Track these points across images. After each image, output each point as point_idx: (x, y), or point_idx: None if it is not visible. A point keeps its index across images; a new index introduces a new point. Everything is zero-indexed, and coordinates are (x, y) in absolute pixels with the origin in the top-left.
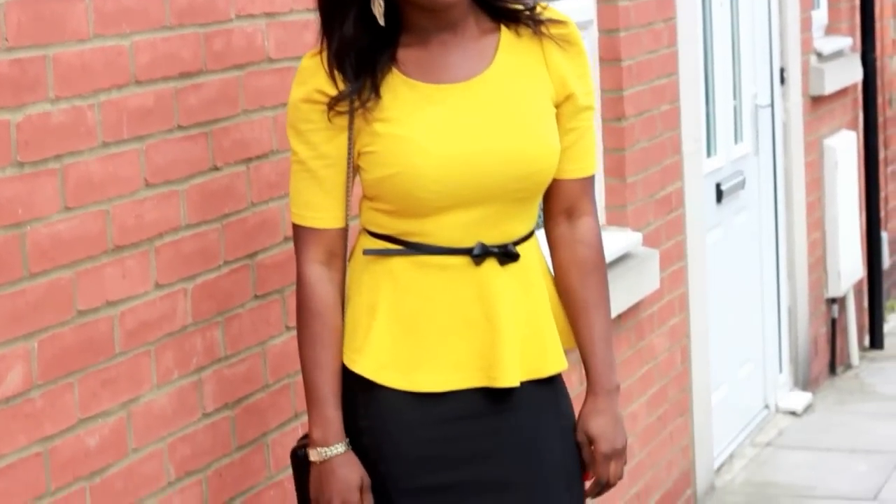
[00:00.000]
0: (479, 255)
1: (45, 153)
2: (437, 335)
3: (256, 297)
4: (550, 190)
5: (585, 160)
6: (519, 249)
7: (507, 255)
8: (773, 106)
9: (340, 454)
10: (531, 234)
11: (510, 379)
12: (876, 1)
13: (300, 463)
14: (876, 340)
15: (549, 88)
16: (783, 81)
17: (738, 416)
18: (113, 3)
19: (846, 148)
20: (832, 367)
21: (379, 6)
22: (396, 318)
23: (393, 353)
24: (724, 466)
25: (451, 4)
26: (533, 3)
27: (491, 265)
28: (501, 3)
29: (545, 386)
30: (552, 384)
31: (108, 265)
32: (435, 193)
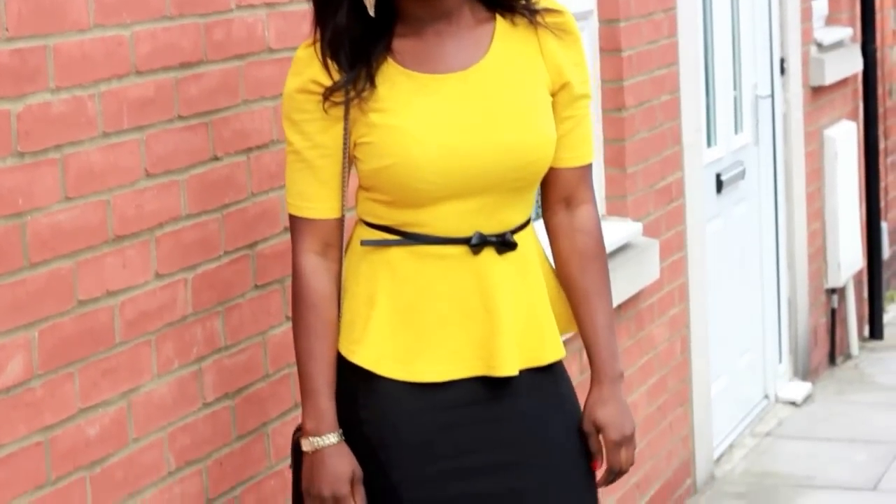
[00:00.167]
0: (477, 244)
1: (45, 143)
2: (435, 325)
3: (257, 286)
4: (548, 179)
5: (583, 148)
6: (516, 238)
7: (504, 244)
8: (773, 96)
9: (332, 445)
10: (528, 222)
11: (509, 368)
12: None
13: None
14: (875, 331)
15: (544, 77)
16: (783, 72)
17: (737, 406)
18: None
19: (846, 138)
20: (832, 357)
21: None
22: (395, 308)
23: (392, 343)
24: (723, 456)
25: None
26: None
27: (489, 254)
28: None
29: (544, 372)
30: (552, 370)
31: (108, 255)
32: (431, 184)
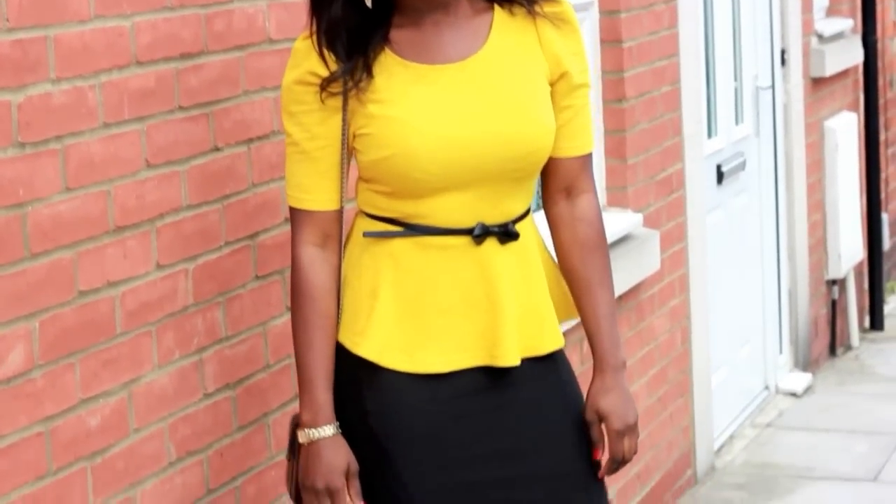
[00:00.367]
0: (479, 234)
1: (46, 134)
2: (439, 315)
3: (257, 277)
4: (548, 169)
5: (582, 138)
6: (517, 228)
7: (507, 234)
8: (773, 87)
9: (327, 437)
10: (528, 211)
11: (511, 358)
12: None
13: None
14: (876, 322)
15: (543, 67)
16: (784, 63)
17: (738, 397)
18: None
19: (847, 130)
20: (832, 348)
21: None
22: (399, 299)
23: (396, 334)
24: (724, 447)
25: None
26: None
27: (491, 244)
28: None
29: (545, 361)
30: (552, 358)
31: (109, 246)
32: (431, 174)
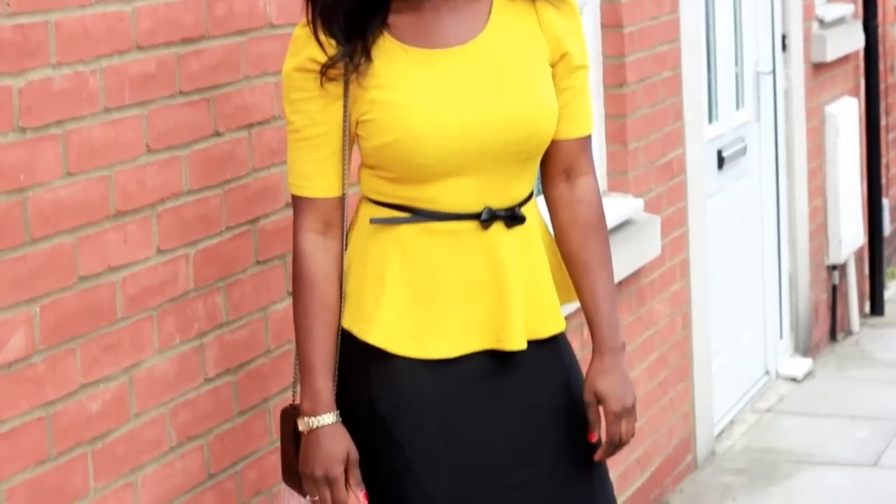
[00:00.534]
0: (486, 219)
1: (46, 119)
2: (447, 301)
3: (258, 262)
4: (548, 151)
5: (582, 119)
6: (522, 211)
7: (513, 217)
8: (774, 73)
9: (327, 425)
10: (531, 194)
11: (518, 342)
12: None
13: (285, 419)
14: (876, 307)
15: (544, 48)
16: (785, 48)
17: (738, 382)
18: None
19: (848, 115)
20: (833, 333)
21: None
22: (407, 285)
23: (404, 321)
24: (724, 432)
25: None
26: None
27: (498, 228)
28: None
29: (547, 344)
30: (554, 341)
31: (109, 230)
32: (436, 159)
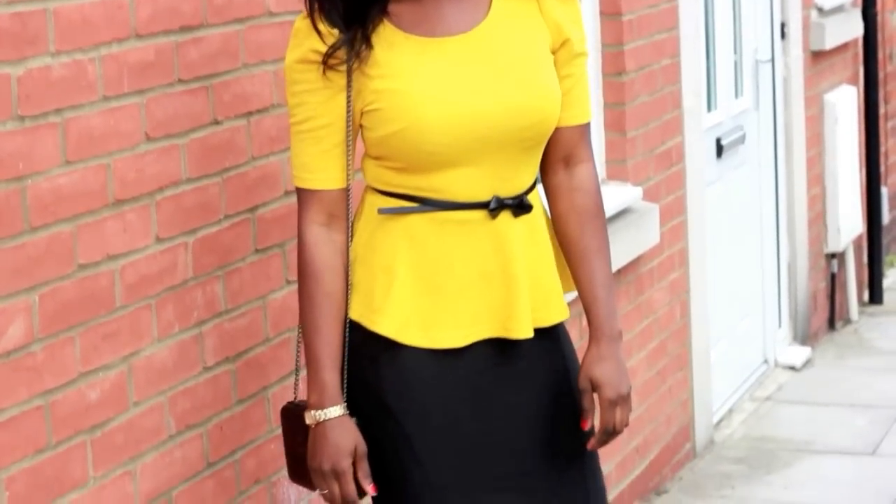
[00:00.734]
0: (495, 208)
1: (45, 107)
2: (456, 290)
3: (257, 251)
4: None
5: (581, 107)
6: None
7: (521, 206)
8: (773, 61)
9: (334, 418)
10: (535, 183)
11: (525, 330)
12: None
13: (287, 416)
14: (875, 295)
15: (545, 35)
16: (784, 36)
17: (737, 370)
18: None
19: (846, 103)
20: (831, 322)
21: None
22: (416, 275)
23: (414, 311)
24: (723, 421)
25: None
26: None
27: (505, 217)
28: None
29: (548, 333)
30: (554, 330)
31: (108, 219)
32: (443, 146)
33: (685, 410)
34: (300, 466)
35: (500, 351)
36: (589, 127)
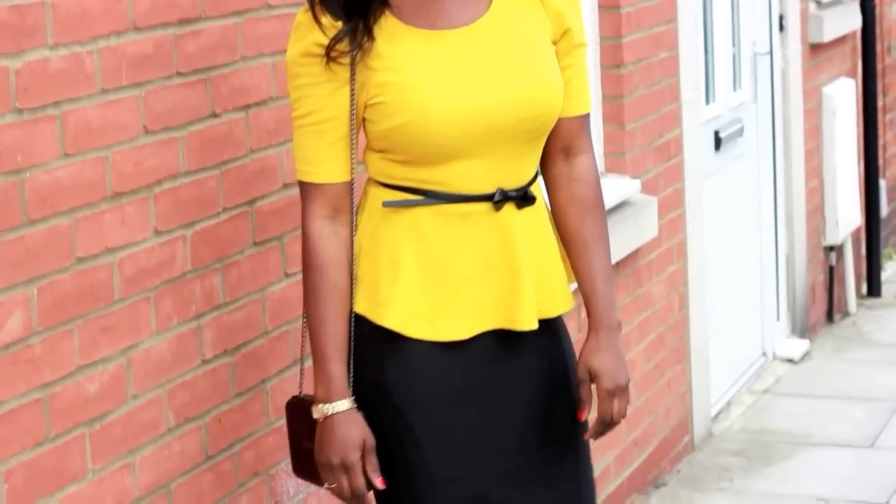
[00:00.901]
0: (500, 200)
1: (43, 100)
2: (460, 283)
3: (255, 243)
4: None
5: (581, 97)
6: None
7: (524, 198)
8: (771, 53)
9: (342, 412)
10: (536, 174)
11: (529, 322)
12: None
13: (292, 411)
14: (873, 288)
15: (547, 26)
16: (782, 29)
17: (735, 363)
18: None
19: (845, 95)
20: (830, 314)
21: None
22: (421, 268)
23: (419, 304)
24: (721, 414)
25: None
26: None
27: (509, 209)
28: None
29: (548, 326)
30: (553, 323)
31: (107, 212)
32: (448, 139)
33: (683, 403)
34: (304, 461)
35: (502, 343)
36: (588, 118)
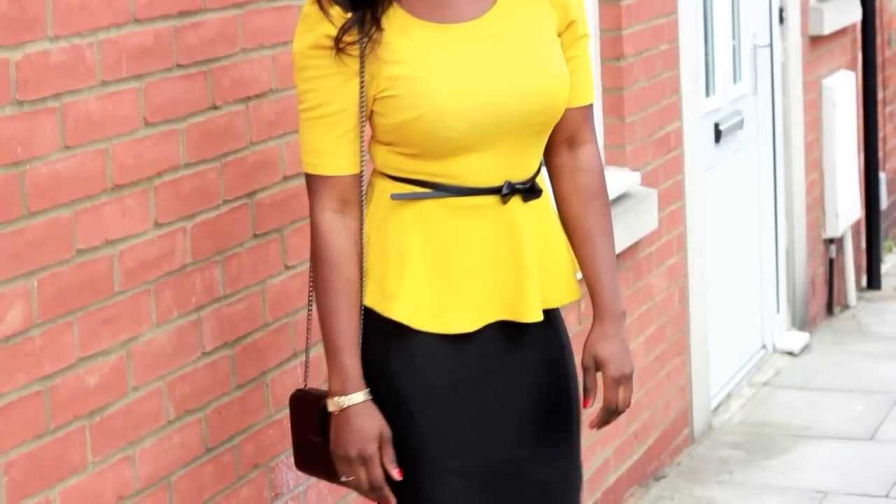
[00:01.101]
0: (507, 193)
1: (44, 92)
2: (467, 276)
3: (255, 236)
4: None
5: (585, 88)
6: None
7: (531, 191)
8: (771, 46)
9: (357, 404)
10: (540, 167)
11: (534, 314)
12: None
13: (296, 404)
14: (873, 281)
15: (553, 18)
16: (782, 21)
17: (735, 356)
18: None
19: (845, 88)
20: (829, 307)
21: None
22: (429, 261)
23: (427, 296)
24: (721, 406)
25: None
26: None
27: (515, 202)
28: None
29: (548, 318)
30: (553, 316)
31: (107, 204)
32: (460, 133)
33: (683, 396)
34: (307, 454)
35: (505, 335)
36: (592, 108)
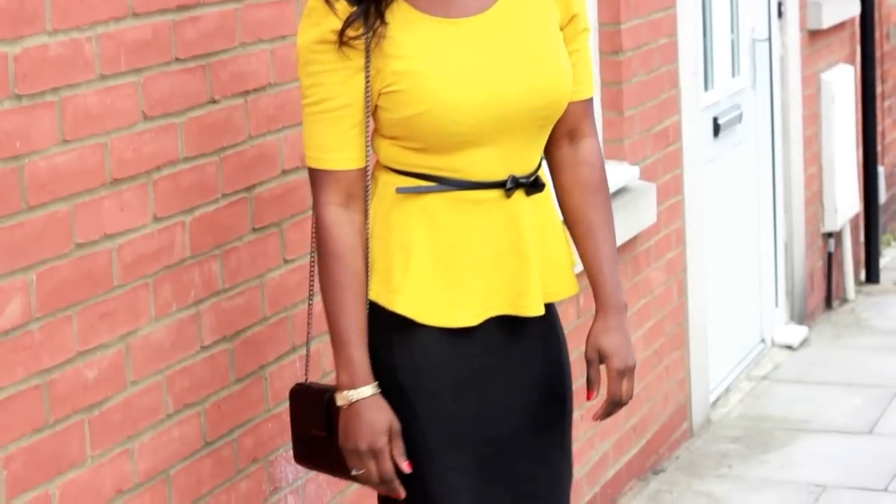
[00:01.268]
0: (511, 187)
1: (42, 86)
2: (471, 270)
3: (254, 230)
4: None
5: (586, 82)
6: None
7: (534, 185)
8: (770, 40)
9: (367, 397)
10: (541, 161)
11: (536, 308)
12: None
13: (297, 398)
14: (872, 275)
15: (555, 12)
16: (781, 15)
17: (734, 349)
18: None
19: (843, 82)
20: (828, 301)
21: None
22: (433, 255)
23: (431, 290)
24: (720, 400)
25: None
26: None
27: (519, 196)
28: None
29: (545, 318)
30: (551, 316)
31: (106, 198)
32: (467, 127)
33: (682, 390)
34: (308, 448)
35: (505, 329)
36: (592, 102)
